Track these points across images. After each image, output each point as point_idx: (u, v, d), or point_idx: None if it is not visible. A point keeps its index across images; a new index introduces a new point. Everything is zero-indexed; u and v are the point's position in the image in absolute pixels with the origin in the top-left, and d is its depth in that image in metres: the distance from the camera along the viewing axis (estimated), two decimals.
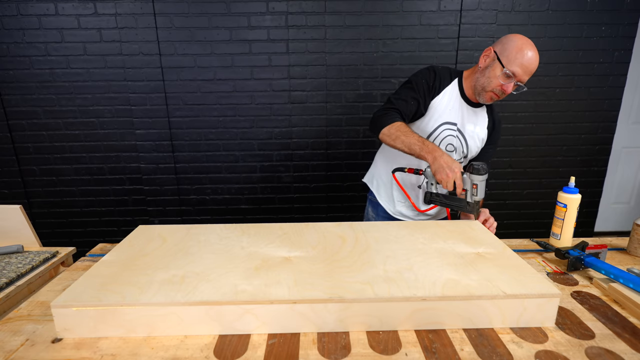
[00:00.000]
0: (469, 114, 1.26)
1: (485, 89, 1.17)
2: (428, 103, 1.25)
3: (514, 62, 1.10)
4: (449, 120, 1.25)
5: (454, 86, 1.26)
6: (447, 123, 1.25)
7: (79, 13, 2.12)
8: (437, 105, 1.25)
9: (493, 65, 1.14)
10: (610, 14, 2.20)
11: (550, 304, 0.72)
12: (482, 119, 1.29)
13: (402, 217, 1.43)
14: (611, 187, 2.86)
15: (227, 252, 0.90)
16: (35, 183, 2.38)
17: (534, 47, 1.11)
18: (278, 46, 2.20)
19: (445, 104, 1.25)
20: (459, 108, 1.25)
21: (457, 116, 1.26)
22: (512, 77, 1.12)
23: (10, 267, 0.97)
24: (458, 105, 1.25)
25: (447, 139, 1.26)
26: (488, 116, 1.31)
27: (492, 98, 1.18)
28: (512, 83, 1.12)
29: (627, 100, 2.57)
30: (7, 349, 0.68)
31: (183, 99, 2.28)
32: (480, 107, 1.28)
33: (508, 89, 1.13)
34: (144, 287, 0.74)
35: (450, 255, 0.88)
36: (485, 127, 1.30)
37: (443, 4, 2.17)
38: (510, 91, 1.14)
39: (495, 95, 1.17)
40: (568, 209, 1.08)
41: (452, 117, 1.25)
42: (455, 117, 1.25)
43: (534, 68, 1.12)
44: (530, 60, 1.10)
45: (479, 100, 1.22)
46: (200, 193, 2.45)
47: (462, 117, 1.26)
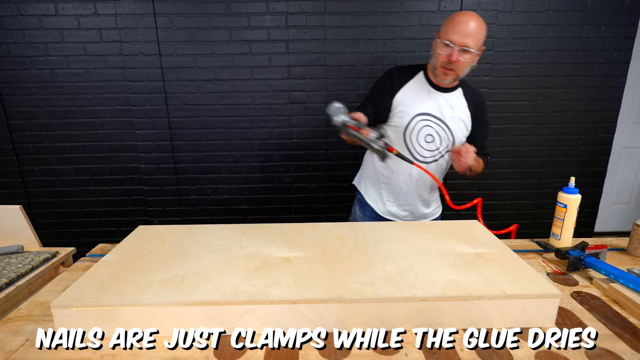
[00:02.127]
0: (443, 100, 1.28)
1: (436, 67, 1.22)
2: (389, 103, 1.29)
3: (448, 31, 1.16)
4: (423, 112, 1.26)
5: (419, 78, 1.30)
6: (421, 114, 1.26)
7: (79, 13, 2.12)
8: (401, 100, 1.28)
9: (435, 44, 1.22)
10: (610, 14, 2.20)
11: (550, 305, 0.72)
12: (459, 102, 1.30)
13: (391, 216, 1.43)
14: (611, 188, 2.86)
15: (227, 252, 0.90)
16: (35, 183, 2.38)
17: (470, 13, 1.16)
18: (278, 46, 2.20)
19: (412, 97, 1.27)
20: (431, 97, 1.27)
21: (431, 105, 1.27)
22: (450, 45, 1.15)
23: (10, 268, 0.97)
24: (428, 95, 1.28)
25: (424, 129, 1.27)
26: (465, 98, 1.31)
27: (446, 73, 1.20)
28: (454, 50, 1.15)
29: (627, 100, 2.57)
30: (7, 349, 0.68)
31: (183, 99, 2.28)
32: (454, 91, 1.29)
33: (452, 56, 1.16)
34: (144, 288, 0.74)
35: (450, 255, 0.88)
36: (466, 108, 1.30)
37: (443, 4, 2.17)
38: (457, 57, 1.16)
39: (446, 68, 1.19)
40: (568, 209, 1.08)
41: (425, 108, 1.27)
42: (429, 107, 1.27)
43: (469, 29, 1.14)
44: (462, 22, 1.14)
45: (440, 81, 1.25)
46: (200, 193, 2.45)
47: (437, 105, 1.27)
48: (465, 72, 1.23)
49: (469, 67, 1.23)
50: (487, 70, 2.28)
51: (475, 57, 1.20)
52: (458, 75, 1.22)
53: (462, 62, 1.17)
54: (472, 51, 1.15)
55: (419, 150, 1.31)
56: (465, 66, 1.20)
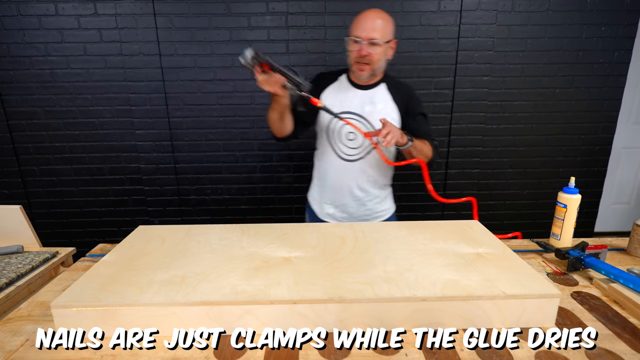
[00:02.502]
0: (365, 97, 1.29)
1: (351, 64, 1.25)
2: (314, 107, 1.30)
3: (355, 28, 1.20)
4: (344, 110, 1.28)
5: (341, 80, 1.32)
6: (342, 113, 1.27)
7: (79, 13, 2.12)
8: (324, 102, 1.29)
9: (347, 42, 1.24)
10: (610, 14, 2.20)
11: (550, 305, 0.72)
12: (382, 96, 1.29)
13: (329, 218, 1.42)
14: (611, 188, 2.86)
15: (227, 252, 0.90)
16: (35, 183, 2.38)
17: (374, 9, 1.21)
18: (278, 46, 2.20)
19: (333, 98, 1.29)
20: (353, 96, 1.29)
21: (352, 104, 1.28)
22: (359, 41, 1.18)
23: (10, 268, 0.97)
24: (351, 95, 1.29)
25: (346, 127, 1.29)
26: (390, 91, 1.30)
27: (361, 68, 1.22)
28: (362, 45, 1.18)
29: (627, 100, 2.57)
30: (7, 349, 0.68)
31: (183, 100, 2.28)
32: (376, 87, 1.30)
33: (362, 51, 1.18)
34: (144, 288, 0.74)
35: (450, 255, 0.88)
36: (390, 101, 1.29)
37: (443, 4, 2.17)
38: (367, 51, 1.18)
39: (360, 63, 1.21)
40: (568, 209, 1.08)
41: (345, 107, 1.28)
42: (349, 105, 1.28)
43: (374, 23, 1.17)
44: (367, 18, 1.18)
45: (358, 78, 1.27)
46: (200, 193, 2.45)
47: (358, 102, 1.28)
48: (381, 64, 1.24)
49: (383, 60, 1.24)
50: (487, 70, 2.28)
51: (387, 49, 1.22)
52: (374, 69, 1.23)
53: (373, 55, 1.19)
54: (380, 43, 1.18)
55: (343, 149, 1.31)
56: (377, 59, 1.21)
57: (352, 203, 1.38)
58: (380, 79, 1.31)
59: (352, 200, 1.37)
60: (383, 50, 1.21)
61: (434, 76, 2.29)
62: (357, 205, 1.38)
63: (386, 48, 1.22)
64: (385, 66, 1.28)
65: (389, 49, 1.24)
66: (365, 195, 1.37)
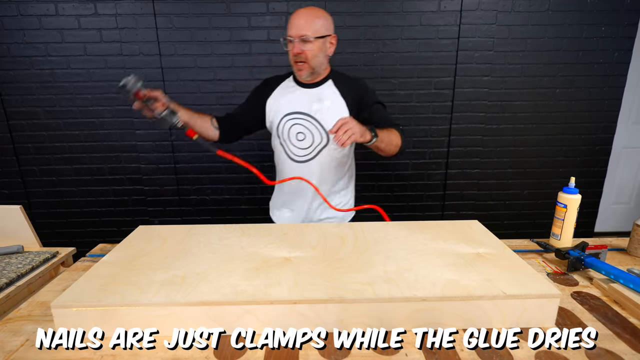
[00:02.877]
0: (311, 95, 1.26)
1: (292, 65, 1.24)
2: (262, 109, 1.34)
3: (288, 29, 1.20)
4: (291, 111, 1.27)
5: (288, 81, 1.32)
6: (290, 114, 1.26)
7: (79, 13, 2.12)
8: (272, 105, 1.31)
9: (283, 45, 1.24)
10: (610, 14, 2.20)
11: (550, 305, 0.72)
12: (330, 92, 1.26)
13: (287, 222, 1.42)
14: (611, 188, 2.86)
15: (227, 252, 0.90)
16: (35, 183, 2.38)
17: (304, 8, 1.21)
18: (278, 46, 2.20)
19: (280, 99, 1.29)
20: (300, 95, 1.27)
21: (300, 104, 1.26)
22: (291, 40, 1.18)
23: (10, 268, 0.97)
24: (297, 95, 1.28)
25: (294, 128, 1.27)
26: (337, 87, 1.26)
27: (298, 68, 1.22)
28: (295, 43, 1.17)
29: (627, 100, 2.57)
30: (7, 349, 0.68)
31: (183, 100, 2.27)
32: (323, 84, 1.27)
33: (295, 49, 1.18)
34: (144, 288, 0.74)
35: (450, 255, 0.88)
36: (339, 97, 1.25)
37: (443, 4, 2.17)
38: (300, 48, 1.17)
39: (297, 62, 1.21)
40: (568, 209, 1.08)
41: (292, 107, 1.27)
42: (298, 106, 1.26)
43: (303, 20, 1.17)
44: (296, 17, 1.18)
45: (299, 77, 1.26)
46: (200, 193, 2.45)
47: (306, 101, 1.26)
48: (319, 61, 1.21)
49: (322, 56, 1.21)
50: (487, 70, 2.28)
51: (323, 45, 1.20)
52: (312, 67, 1.21)
53: (307, 52, 1.17)
54: (311, 39, 1.16)
55: (293, 150, 1.29)
56: (312, 55, 1.18)
57: (306, 205, 1.34)
58: (327, 76, 1.28)
59: (306, 203, 1.34)
60: (317, 46, 1.18)
61: (434, 76, 2.29)
62: (312, 207, 1.34)
63: (321, 44, 1.19)
64: (326, 62, 1.26)
65: (327, 44, 1.22)
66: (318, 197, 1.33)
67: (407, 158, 2.42)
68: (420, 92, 2.32)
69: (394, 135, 1.20)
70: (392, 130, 1.20)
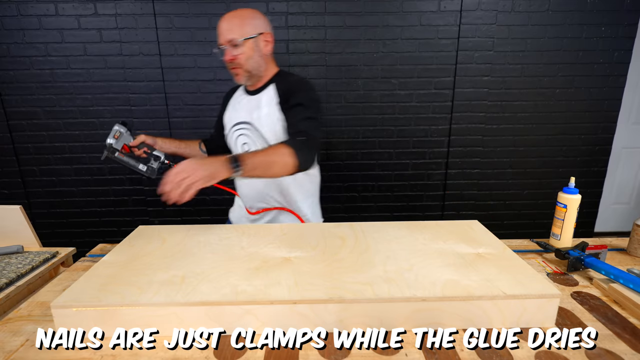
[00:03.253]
0: (252, 103, 1.22)
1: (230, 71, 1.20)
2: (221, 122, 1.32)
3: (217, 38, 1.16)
4: (237, 121, 1.24)
5: (240, 90, 1.30)
6: (236, 124, 1.24)
7: (79, 13, 2.12)
8: (226, 118, 1.30)
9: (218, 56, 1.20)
10: (610, 14, 2.20)
11: (550, 305, 0.72)
12: (268, 98, 1.19)
13: None
14: (611, 188, 2.86)
15: (227, 252, 0.90)
16: (35, 183, 2.38)
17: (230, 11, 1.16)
18: (278, 46, 2.20)
19: (231, 110, 1.28)
20: (244, 105, 1.24)
21: (244, 113, 1.23)
22: (221, 48, 1.15)
23: (10, 268, 0.97)
24: (243, 104, 1.25)
25: (240, 139, 1.24)
26: (277, 90, 1.19)
27: (234, 73, 1.18)
28: (225, 50, 1.14)
29: (627, 100, 2.57)
30: (7, 349, 0.68)
31: (183, 100, 2.28)
32: (265, 89, 1.21)
33: (226, 56, 1.15)
34: (143, 288, 0.74)
35: (450, 255, 0.88)
36: (274, 101, 1.17)
37: (443, 4, 2.17)
38: (232, 53, 1.13)
39: (232, 68, 1.17)
40: (568, 209, 1.08)
41: (239, 117, 1.24)
42: (242, 115, 1.23)
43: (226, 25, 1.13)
44: (220, 24, 1.14)
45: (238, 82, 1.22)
46: (200, 193, 2.44)
47: (247, 110, 1.22)
48: (254, 63, 1.15)
49: (256, 57, 1.15)
50: (487, 70, 2.28)
51: (255, 45, 1.14)
52: (248, 70, 1.15)
53: (239, 55, 1.13)
54: (239, 42, 1.11)
55: None
56: (245, 58, 1.13)
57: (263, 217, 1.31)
58: (271, 79, 1.21)
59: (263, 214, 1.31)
60: (249, 47, 1.12)
61: (434, 76, 2.29)
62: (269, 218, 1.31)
63: (253, 44, 1.13)
64: (266, 63, 1.19)
65: (260, 43, 1.15)
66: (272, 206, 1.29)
67: (407, 158, 2.42)
68: (420, 92, 2.32)
69: (279, 156, 1.00)
70: (277, 149, 1.01)
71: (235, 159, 0.93)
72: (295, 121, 1.11)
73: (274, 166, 0.99)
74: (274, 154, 1.00)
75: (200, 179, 0.87)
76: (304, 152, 1.04)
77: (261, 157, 0.98)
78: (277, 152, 1.00)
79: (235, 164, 0.93)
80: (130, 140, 1.18)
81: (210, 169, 0.90)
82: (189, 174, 0.85)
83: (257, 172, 0.97)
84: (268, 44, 1.18)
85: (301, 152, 1.02)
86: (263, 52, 1.17)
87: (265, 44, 1.17)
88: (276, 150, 1.01)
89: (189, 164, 0.87)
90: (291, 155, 1.00)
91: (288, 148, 1.01)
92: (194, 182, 0.87)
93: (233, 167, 0.93)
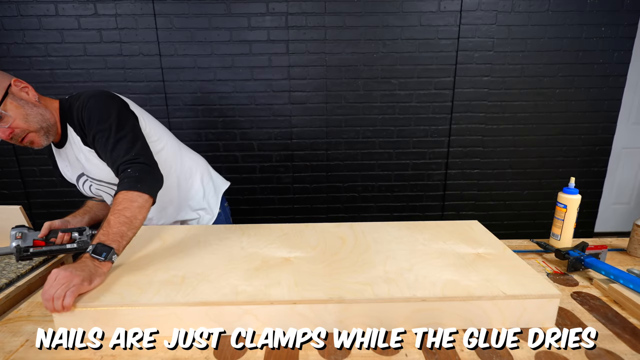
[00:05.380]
0: (70, 158, 1.09)
1: (24, 146, 1.00)
2: None
3: None
4: (77, 175, 1.13)
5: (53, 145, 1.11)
6: (78, 178, 1.14)
7: (79, 14, 2.12)
8: (65, 175, 1.17)
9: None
10: (609, 14, 2.20)
11: (550, 305, 0.72)
12: (76, 147, 1.04)
13: None
14: (611, 188, 2.85)
15: (227, 252, 0.90)
16: (35, 183, 2.38)
17: None
18: (278, 47, 2.21)
19: (63, 168, 1.14)
20: (62, 160, 1.12)
21: (75, 166, 1.10)
22: None
23: (10, 268, 0.97)
24: (60, 159, 1.12)
25: (91, 188, 1.15)
26: (77, 134, 1.02)
27: (31, 141, 0.97)
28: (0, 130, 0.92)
29: (627, 100, 2.57)
30: (7, 350, 0.68)
31: (183, 100, 2.28)
32: (66, 140, 1.05)
33: (6, 134, 0.93)
34: (143, 288, 0.74)
35: (450, 255, 0.88)
36: (81, 142, 1.03)
37: (443, 4, 2.17)
38: (4, 130, 0.92)
39: (22, 142, 0.96)
40: (568, 209, 1.08)
41: (75, 172, 1.12)
42: (77, 168, 1.10)
43: None
44: None
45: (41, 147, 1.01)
46: None
47: (68, 164, 1.11)
48: (33, 117, 0.95)
49: (27, 109, 0.95)
50: (487, 71, 2.28)
51: (14, 101, 0.94)
52: (36, 129, 0.96)
53: (14, 125, 0.92)
54: (3, 113, 0.91)
55: (109, 198, 1.17)
56: (22, 120, 0.93)
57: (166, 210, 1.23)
58: (61, 122, 1.02)
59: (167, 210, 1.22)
60: (13, 108, 0.92)
61: (434, 76, 2.29)
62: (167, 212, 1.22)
63: (14, 102, 0.93)
64: (43, 106, 0.99)
65: (20, 94, 0.97)
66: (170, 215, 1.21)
67: (407, 158, 2.42)
68: (420, 93, 2.32)
69: (131, 208, 0.86)
70: (124, 203, 0.86)
71: (102, 249, 0.79)
72: (110, 154, 0.95)
73: (136, 219, 0.87)
74: (125, 210, 0.86)
75: (77, 283, 0.71)
76: (146, 180, 0.91)
77: (118, 225, 0.83)
78: (127, 206, 0.87)
79: (106, 254, 0.79)
80: (36, 234, 1.02)
81: (85, 270, 0.75)
82: (64, 283, 0.71)
83: (128, 236, 0.85)
84: (26, 88, 0.99)
85: (144, 184, 0.90)
86: (32, 101, 0.97)
87: (26, 91, 0.98)
88: (123, 204, 0.87)
89: (60, 272, 0.73)
90: (139, 196, 0.88)
91: (129, 193, 0.88)
92: (72, 287, 0.71)
93: (106, 259, 0.79)
